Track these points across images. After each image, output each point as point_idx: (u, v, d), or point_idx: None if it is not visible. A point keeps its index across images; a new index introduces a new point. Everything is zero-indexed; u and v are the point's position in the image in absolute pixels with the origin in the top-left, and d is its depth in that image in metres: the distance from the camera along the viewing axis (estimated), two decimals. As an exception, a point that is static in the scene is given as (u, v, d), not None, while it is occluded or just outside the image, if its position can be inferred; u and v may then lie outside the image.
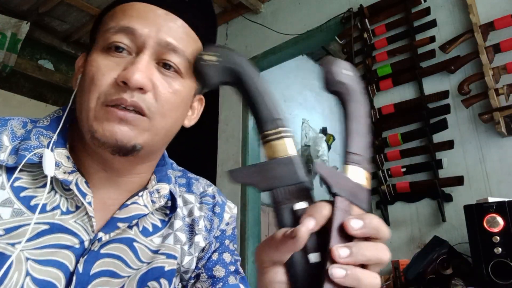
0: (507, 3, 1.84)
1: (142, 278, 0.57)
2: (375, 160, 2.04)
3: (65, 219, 0.53)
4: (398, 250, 1.90)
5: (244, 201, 2.64)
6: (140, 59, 0.52)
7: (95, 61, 0.54)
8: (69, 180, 0.53)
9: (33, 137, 0.55)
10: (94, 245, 0.54)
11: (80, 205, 0.54)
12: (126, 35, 0.53)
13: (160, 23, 0.54)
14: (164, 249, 0.60)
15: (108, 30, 0.54)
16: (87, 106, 0.52)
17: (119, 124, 0.51)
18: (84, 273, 0.52)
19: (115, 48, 0.53)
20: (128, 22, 0.53)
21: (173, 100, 0.55)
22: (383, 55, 2.16)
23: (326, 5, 2.60)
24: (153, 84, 0.53)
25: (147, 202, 0.59)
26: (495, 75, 1.75)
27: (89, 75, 0.53)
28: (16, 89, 3.29)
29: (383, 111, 2.08)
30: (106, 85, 0.52)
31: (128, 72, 0.51)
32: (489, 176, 1.74)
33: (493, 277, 1.29)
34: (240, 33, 3.10)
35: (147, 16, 0.54)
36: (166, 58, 0.54)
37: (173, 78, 0.55)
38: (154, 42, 0.53)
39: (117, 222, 0.56)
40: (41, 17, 3.24)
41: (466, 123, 1.85)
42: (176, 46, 0.54)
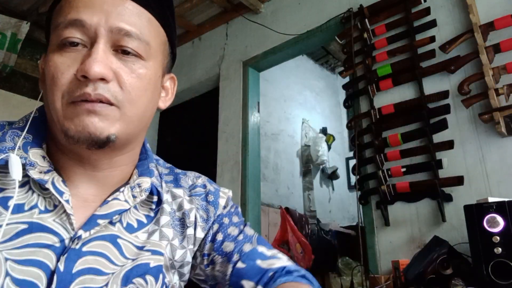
0: (507, 3, 1.84)
1: (127, 274, 0.55)
2: (375, 160, 2.04)
3: (43, 217, 0.52)
4: (398, 250, 1.90)
5: (244, 201, 2.64)
6: (95, 49, 0.51)
7: (52, 60, 0.52)
8: (45, 180, 0.53)
9: (8, 138, 0.54)
10: (75, 243, 0.52)
11: (57, 204, 0.54)
12: (77, 28, 0.52)
13: (108, 9, 0.52)
14: (149, 246, 0.59)
15: (58, 26, 0.53)
16: (54, 107, 0.52)
17: (88, 116, 0.51)
18: (65, 271, 0.51)
19: (69, 44, 0.52)
20: (76, 14, 0.52)
21: (138, 84, 0.54)
22: (383, 55, 2.16)
23: (326, 5, 2.60)
24: (115, 72, 0.52)
25: (128, 197, 0.58)
26: (495, 75, 1.75)
27: (49, 75, 0.52)
28: (16, 89, 3.29)
29: (383, 111, 2.08)
30: (67, 82, 0.51)
31: (85, 65, 0.50)
32: (489, 176, 1.74)
33: (493, 277, 1.29)
34: (240, 33, 3.10)
35: (94, 4, 0.52)
36: (122, 44, 0.53)
37: (134, 62, 0.54)
38: (106, 30, 0.52)
39: (97, 219, 0.55)
40: (41, 17, 3.24)
41: (466, 123, 1.85)
42: (129, 30, 0.53)
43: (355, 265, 3.11)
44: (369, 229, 2.05)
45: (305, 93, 4.37)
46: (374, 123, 2.10)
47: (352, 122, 2.25)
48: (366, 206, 2.10)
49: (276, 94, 3.90)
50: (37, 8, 3.10)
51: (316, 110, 4.48)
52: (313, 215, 3.73)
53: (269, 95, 3.76)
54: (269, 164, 3.56)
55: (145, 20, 0.55)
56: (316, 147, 3.94)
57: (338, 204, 4.34)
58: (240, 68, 3.00)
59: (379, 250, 1.98)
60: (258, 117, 2.95)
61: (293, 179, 3.83)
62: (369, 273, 1.93)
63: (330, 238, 3.59)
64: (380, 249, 1.98)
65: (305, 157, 3.99)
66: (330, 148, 4.28)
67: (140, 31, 0.54)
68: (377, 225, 2.02)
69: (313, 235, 3.47)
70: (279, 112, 3.88)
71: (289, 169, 3.81)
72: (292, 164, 3.88)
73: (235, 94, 2.97)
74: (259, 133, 2.93)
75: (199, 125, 3.35)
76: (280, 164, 3.70)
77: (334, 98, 4.87)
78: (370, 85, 2.17)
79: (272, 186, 3.52)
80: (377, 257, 1.98)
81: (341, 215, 4.32)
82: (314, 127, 4.22)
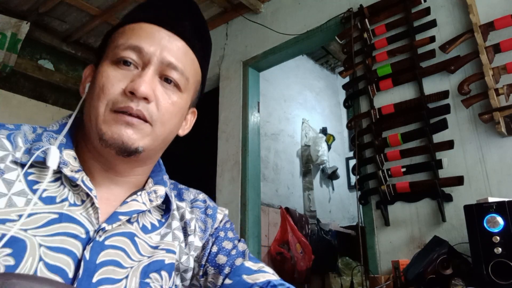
0: (507, 3, 1.84)
1: (145, 269, 0.62)
2: (375, 160, 2.04)
3: (72, 210, 0.58)
4: (398, 250, 1.90)
5: (244, 201, 2.64)
6: (146, 73, 0.60)
7: (106, 72, 0.61)
8: (76, 177, 0.59)
9: (44, 139, 0.61)
10: (99, 235, 0.58)
11: (85, 199, 0.60)
12: (134, 52, 0.61)
13: (164, 43, 0.62)
14: (163, 245, 0.66)
15: (118, 46, 0.62)
16: (97, 112, 0.59)
17: (125, 127, 0.59)
18: (90, 261, 0.56)
19: (123, 62, 0.61)
20: (137, 41, 0.61)
21: (171, 110, 0.63)
22: (383, 55, 2.16)
23: (326, 5, 2.60)
24: (156, 96, 0.61)
25: (145, 200, 0.66)
26: (495, 75, 1.75)
27: (99, 84, 0.60)
28: (16, 89, 3.29)
29: (383, 111, 2.08)
30: (115, 93, 0.59)
31: (135, 83, 0.59)
32: (489, 176, 1.74)
33: (493, 277, 1.29)
34: (240, 33, 3.10)
35: (154, 36, 0.62)
36: (167, 74, 0.62)
37: (173, 91, 0.63)
38: (158, 60, 0.61)
39: (118, 215, 0.61)
40: (41, 17, 3.24)
41: (466, 123, 1.85)
42: (176, 65, 0.63)
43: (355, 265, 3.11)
44: (369, 229, 2.05)
45: (305, 93, 4.37)
46: (374, 123, 2.10)
47: (352, 122, 2.25)
48: (366, 206, 2.10)
49: (276, 94, 3.90)
50: (37, 8, 3.09)
51: (316, 110, 4.48)
52: (313, 215, 3.73)
53: (269, 95, 3.76)
54: (269, 164, 3.56)
55: (189, 59, 0.66)
56: (316, 147, 3.94)
57: (338, 204, 4.34)
58: (240, 68, 3.00)
59: (379, 250, 1.98)
60: (258, 117, 2.95)
61: (293, 179, 3.83)
62: (369, 273, 1.93)
63: (330, 238, 3.59)
64: (380, 249, 1.98)
65: (305, 157, 3.99)
66: (330, 148, 4.28)
67: (184, 67, 0.64)
68: (377, 225, 2.02)
69: (313, 235, 3.48)
70: (279, 112, 3.88)
71: (289, 169, 3.81)
72: (292, 164, 3.88)
73: (235, 94, 2.97)
74: (259, 133, 2.93)
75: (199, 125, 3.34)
76: (280, 164, 3.70)
77: (334, 98, 4.87)
78: (370, 85, 2.17)
79: (272, 186, 3.52)
80: (377, 257, 1.98)
81: (341, 215, 4.32)
82: (314, 127, 4.22)
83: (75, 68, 3.76)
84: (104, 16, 3.18)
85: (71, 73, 3.71)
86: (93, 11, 3.14)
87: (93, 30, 3.45)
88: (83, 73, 0.69)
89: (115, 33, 0.65)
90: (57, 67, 3.61)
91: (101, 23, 3.30)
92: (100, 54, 0.66)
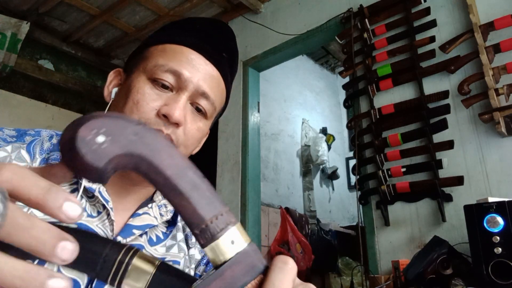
0: (507, 3, 1.84)
1: None
2: (375, 160, 2.04)
3: (89, 221, 0.59)
4: (398, 250, 1.90)
5: (244, 201, 2.64)
6: (181, 98, 0.61)
7: (142, 88, 0.62)
8: (93, 188, 0.59)
9: None
10: None
11: (101, 211, 0.60)
12: (173, 76, 0.62)
13: (202, 72, 0.64)
14: (169, 257, 0.67)
15: (158, 67, 0.62)
16: None
17: None
18: None
19: (161, 85, 0.62)
20: (178, 66, 0.62)
21: (196, 136, 0.66)
22: (383, 55, 2.16)
23: (326, 5, 2.60)
24: (185, 121, 0.63)
25: (156, 214, 0.66)
26: (495, 75, 1.75)
27: (133, 99, 0.61)
28: (16, 89, 3.29)
29: (383, 111, 2.08)
30: (148, 112, 0.60)
31: (171, 109, 0.60)
32: (489, 176, 1.74)
33: (493, 277, 1.29)
34: (240, 33, 3.10)
35: (193, 63, 0.63)
36: (199, 102, 0.64)
37: (201, 119, 0.66)
38: (194, 87, 0.63)
39: (132, 229, 0.62)
40: (41, 17, 3.24)
41: (466, 123, 1.85)
42: (209, 94, 0.64)
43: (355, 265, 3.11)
44: (369, 229, 2.05)
45: (305, 93, 4.37)
46: (374, 123, 2.10)
47: (352, 122, 2.25)
48: (366, 206, 2.10)
49: (276, 94, 3.90)
50: (37, 8, 3.09)
51: (316, 110, 4.48)
52: (313, 215, 3.73)
53: (269, 95, 3.76)
54: (269, 164, 3.56)
55: (220, 89, 0.68)
56: (316, 147, 3.93)
57: (338, 204, 4.34)
58: (240, 68, 3.00)
59: (379, 250, 1.98)
60: (258, 117, 2.95)
61: (293, 179, 3.82)
62: (369, 273, 1.93)
63: (330, 238, 3.59)
64: (380, 249, 1.98)
65: (305, 157, 3.99)
66: (330, 148, 4.28)
67: (215, 98, 0.66)
68: (377, 225, 2.02)
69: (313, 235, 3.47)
70: (279, 112, 3.88)
71: (289, 169, 3.81)
72: (292, 164, 3.88)
73: (235, 94, 2.97)
74: (259, 133, 2.93)
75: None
76: (280, 164, 3.70)
77: (334, 98, 4.87)
78: (370, 85, 2.17)
79: (272, 186, 3.52)
80: (377, 257, 1.98)
81: (341, 215, 4.32)
82: (314, 127, 4.22)
83: (75, 68, 3.76)
84: (104, 16, 3.18)
85: (71, 73, 3.71)
86: (93, 11, 3.14)
87: (93, 30, 3.45)
88: (109, 75, 0.69)
89: (154, 48, 0.65)
90: (57, 67, 3.61)
91: (101, 23, 3.30)
92: (134, 63, 0.66)
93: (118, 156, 0.27)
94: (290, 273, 0.30)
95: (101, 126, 0.26)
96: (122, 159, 0.27)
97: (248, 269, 0.30)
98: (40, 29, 3.38)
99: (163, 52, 0.64)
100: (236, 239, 0.30)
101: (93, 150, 0.25)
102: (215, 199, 0.30)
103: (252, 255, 0.30)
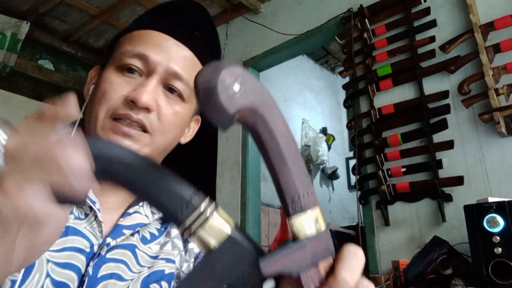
0: (507, 3, 1.84)
1: (145, 280, 0.61)
2: (375, 160, 2.04)
3: (77, 223, 0.57)
4: (398, 250, 1.90)
5: (244, 201, 2.64)
6: (149, 82, 0.58)
7: (109, 77, 0.59)
8: None
9: None
10: (103, 250, 0.57)
11: (88, 213, 0.59)
12: (140, 60, 0.59)
13: (171, 52, 0.61)
14: (163, 255, 0.65)
15: (124, 53, 0.60)
16: (96, 117, 0.58)
17: (123, 138, 0.57)
18: (93, 275, 0.55)
19: (128, 69, 0.59)
20: (144, 49, 0.60)
21: (173, 120, 0.61)
22: (383, 55, 2.16)
23: (326, 5, 2.60)
24: (158, 105, 0.59)
25: (147, 212, 0.64)
26: (495, 75, 1.75)
27: (102, 90, 0.59)
28: (16, 89, 3.29)
29: (383, 111, 2.08)
30: (116, 100, 0.58)
31: (137, 92, 0.57)
32: (489, 176, 1.74)
33: (493, 277, 1.29)
34: (240, 33, 3.10)
35: (161, 45, 0.60)
36: (171, 84, 0.61)
37: (176, 101, 0.62)
38: (163, 69, 0.60)
39: (122, 229, 0.60)
40: (41, 17, 3.24)
41: (466, 123, 1.85)
42: (182, 75, 0.61)
43: (355, 265, 3.11)
44: (369, 229, 2.05)
45: (305, 93, 4.37)
46: (374, 123, 2.10)
47: (352, 122, 2.25)
48: (366, 206, 2.10)
49: (276, 94, 3.90)
50: (37, 8, 3.09)
51: (316, 110, 4.47)
52: (313, 215, 3.73)
53: (269, 95, 3.75)
54: (269, 164, 3.55)
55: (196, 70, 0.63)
56: (316, 147, 3.94)
57: (338, 204, 4.34)
58: (240, 68, 3.00)
59: (379, 250, 1.98)
60: (258, 117, 2.94)
61: (293, 179, 3.82)
62: (369, 273, 1.93)
63: (330, 238, 3.59)
64: (380, 249, 1.98)
65: (305, 157, 3.99)
66: (330, 148, 4.28)
67: (189, 78, 0.62)
68: (377, 225, 2.02)
69: (313, 235, 3.47)
70: (279, 112, 3.87)
71: (289, 169, 3.81)
72: (292, 164, 3.88)
73: (235, 94, 2.96)
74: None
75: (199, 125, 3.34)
76: (280, 164, 3.70)
77: (334, 98, 4.87)
78: (370, 85, 2.17)
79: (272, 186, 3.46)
80: (377, 257, 1.98)
81: (341, 215, 4.32)
82: (314, 127, 4.22)
83: (75, 68, 3.76)
84: (104, 16, 3.18)
85: (71, 73, 3.71)
86: (93, 11, 3.14)
87: (93, 30, 3.45)
88: (89, 74, 0.68)
89: (122, 38, 0.64)
90: (57, 67, 3.61)
91: (101, 23, 3.30)
92: (107, 58, 0.65)
93: (245, 108, 0.28)
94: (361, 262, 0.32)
95: (239, 74, 0.27)
96: (246, 113, 0.28)
97: (325, 248, 0.33)
98: (40, 29, 3.37)
99: (130, 39, 0.62)
100: (319, 219, 0.33)
101: (229, 95, 0.26)
102: (308, 177, 0.32)
103: (329, 238, 0.33)
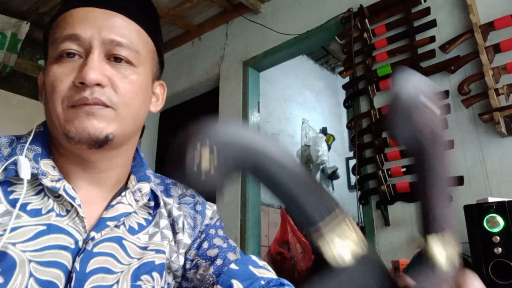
0: (507, 3, 1.84)
1: (135, 272, 0.61)
2: (375, 160, 2.04)
3: (59, 220, 0.57)
4: (398, 250, 1.90)
5: (244, 201, 2.64)
6: (91, 58, 0.56)
7: (51, 71, 0.58)
8: (57, 187, 0.57)
9: (19, 152, 0.58)
10: (88, 244, 0.57)
11: (69, 209, 0.58)
12: (73, 41, 0.57)
13: (101, 23, 0.58)
14: (152, 246, 0.64)
15: (55, 41, 0.58)
16: (55, 112, 0.57)
17: (87, 119, 0.56)
18: (81, 271, 0.55)
19: (66, 55, 0.57)
20: (71, 30, 0.57)
21: (131, 88, 0.60)
22: (383, 55, 2.16)
23: (326, 5, 2.60)
24: (109, 78, 0.57)
25: (131, 201, 0.64)
26: (495, 75, 1.75)
27: (49, 85, 0.58)
28: (16, 89, 3.29)
29: (383, 111, 2.08)
30: (66, 89, 0.56)
31: (82, 72, 0.55)
32: (489, 176, 1.74)
33: (493, 277, 1.29)
34: (240, 33, 3.10)
35: (87, 19, 0.58)
36: (114, 53, 0.58)
37: (126, 69, 0.60)
38: (99, 42, 0.57)
39: (106, 221, 0.60)
40: (41, 17, 3.24)
41: (466, 123, 1.85)
42: (120, 41, 0.59)
43: (355, 265, 3.11)
44: (369, 229, 2.05)
45: (305, 93, 4.37)
46: (374, 123, 2.10)
47: (352, 122, 2.25)
48: (366, 206, 2.10)
49: (276, 94, 3.90)
50: (37, 8, 3.09)
51: (316, 110, 4.47)
52: (313, 215, 3.73)
53: (269, 95, 3.75)
54: (269, 164, 3.55)
55: (134, 32, 0.61)
56: (316, 147, 3.94)
57: (338, 204, 4.33)
58: (240, 68, 3.00)
59: (379, 250, 1.98)
60: (258, 117, 2.94)
61: (293, 179, 3.82)
62: (369, 273, 1.93)
63: (330, 238, 3.59)
64: (380, 249, 1.98)
65: (305, 157, 3.99)
66: (330, 148, 4.28)
67: (130, 41, 0.60)
68: (377, 225, 2.02)
69: (313, 235, 3.47)
70: (279, 112, 3.87)
71: (289, 169, 3.81)
72: (292, 164, 3.87)
73: (235, 94, 2.97)
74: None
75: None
76: (280, 164, 3.69)
77: (334, 98, 4.87)
78: (370, 85, 2.17)
79: (272, 186, 3.51)
80: (377, 257, 1.98)
81: (341, 215, 4.31)
82: (314, 127, 4.22)
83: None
84: (104, 16, 3.18)
85: (71, 73, 3.71)
86: (93, 11, 3.14)
87: (93, 30, 3.45)
88: (38, 81, 0.66)
89: (51, 30, 0.61)
90: (57, 67, 3.61)
91: (101, 23, 3.30)
92: (45, 55, 0.63)
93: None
94: None
95: None
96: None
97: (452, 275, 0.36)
98: (40, 29, 3.37)
99: (57, 26, 0.60)
100: None
101: None
102: None
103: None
